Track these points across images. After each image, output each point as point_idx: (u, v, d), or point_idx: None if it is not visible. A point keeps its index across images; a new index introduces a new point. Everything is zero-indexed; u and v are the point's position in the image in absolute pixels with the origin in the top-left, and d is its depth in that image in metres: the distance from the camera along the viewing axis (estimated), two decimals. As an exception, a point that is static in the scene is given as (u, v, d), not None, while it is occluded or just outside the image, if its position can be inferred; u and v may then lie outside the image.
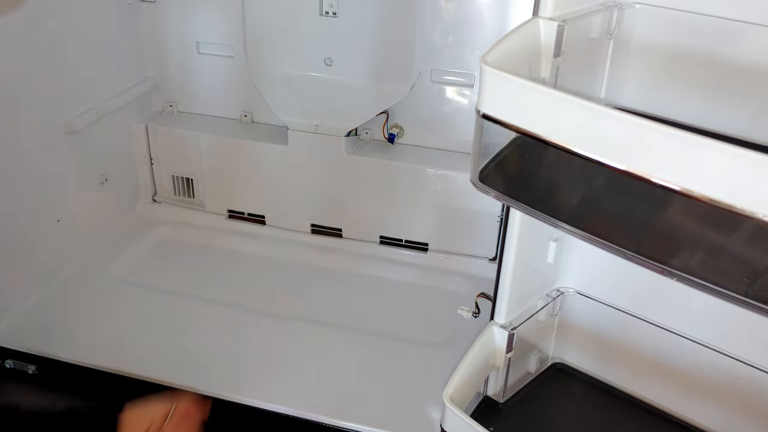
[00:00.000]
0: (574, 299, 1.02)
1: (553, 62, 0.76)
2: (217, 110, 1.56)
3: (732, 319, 0.87)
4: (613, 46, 0.86)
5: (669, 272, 0.65)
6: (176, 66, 1.54)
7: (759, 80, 0.81)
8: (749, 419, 0.91)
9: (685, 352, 0.93)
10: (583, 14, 0.79)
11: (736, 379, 0.90)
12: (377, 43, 1.35)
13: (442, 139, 1.45)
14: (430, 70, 1.38)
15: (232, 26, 1.44)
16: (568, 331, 1.04)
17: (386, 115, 1.44)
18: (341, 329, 1.27)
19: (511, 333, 0.93)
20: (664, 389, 0.97)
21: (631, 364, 1.00)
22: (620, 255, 0.68)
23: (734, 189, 0.56)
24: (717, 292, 0.62)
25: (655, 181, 0.59)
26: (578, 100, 0.63)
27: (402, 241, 1.48)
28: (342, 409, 1.08)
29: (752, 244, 0.61)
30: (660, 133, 0.58)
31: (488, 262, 1.43)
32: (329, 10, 1.34)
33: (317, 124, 1.42)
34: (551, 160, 0.71)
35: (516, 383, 1.01)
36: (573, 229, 0.71)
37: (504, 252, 0.90)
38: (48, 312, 1.26)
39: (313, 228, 1.53)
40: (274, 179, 1.51)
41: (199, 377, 1.12)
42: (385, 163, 1.42)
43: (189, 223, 1.56)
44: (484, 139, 0.72)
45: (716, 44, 0.81)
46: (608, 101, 0.89)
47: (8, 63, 1.16)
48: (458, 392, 0.87)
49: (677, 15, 0.82)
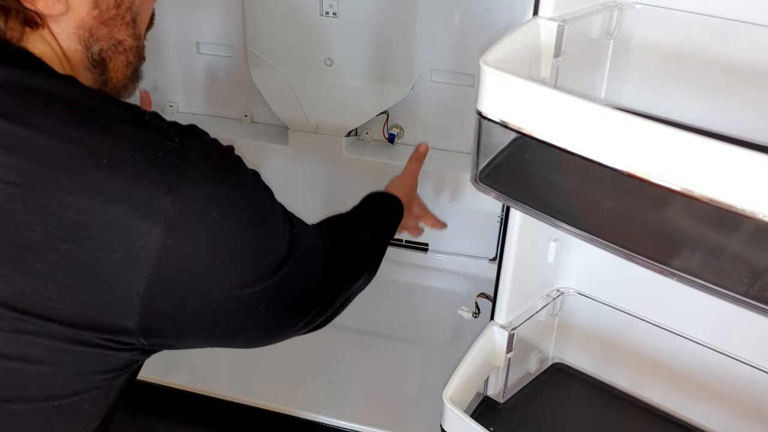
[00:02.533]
0: (575, 299, 1.02)
1: (553, 62, 0.76)
2: (217, 110, 1.56)
3: (732, 319, 0.87)
4: (613, 46, 0.86)
5: (669, 272, 0.65)
6: (176, 66, 1.54)
7: (759, 80, 0.81)
8: (749, 419, 0.91)
9: (686, 352, 0.93)
10: (583, 14, 0.79)
11: (737, 379, 0.90)
12: (377, 44, 1.35)
13: (442, 139, 1.44)
14: (430, 70, 1.38)
15: (232, 26, 1.44)
16: (568, 331, 1.04)
17: (386, 115, 1.44)
18: (341, 329, 1.27)
19: (511, 333, 0.93)
20: (665, 389, 0.97)
21: (632, 364, 1.00)
22: (620, 255, 0.68)
23: (734, 189, 0.56)
24: (717, 292, 0.62)
25: (655, 181, 0.59)
26: (578, 100, 0.63)
27: (402, 241, 1.48)
28: (342, 409, 1.08)
29: (752, 244, 0.61)
30: (660, 133, 0.58)
31: (488, 262, 1.43)
32: (329, 10, 1.34)
33: (317, 125, 1.42)
34: (551, 160, 0.71)
35: (516, 383, 1.01)
36: (573, 229, 0.71)
37: (504, 252, 0.90)
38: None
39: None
40: (274, 179, 1.50)
41: (198, 377, 1.12)
42: (385, 163, 1.42)
43: (189, 223, 1.56)
44: (484, 139, 0.72)
45: (717, 44, 0.81)
46: (608, 101, 0.89)
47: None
48: (458, 392, 0.87)
49: (677, 15, 0.82)
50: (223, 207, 0.56)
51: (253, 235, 0.59)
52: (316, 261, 0.69)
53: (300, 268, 0.64)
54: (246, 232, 0.59)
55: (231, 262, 0.57)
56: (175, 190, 0.54)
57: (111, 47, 0.63)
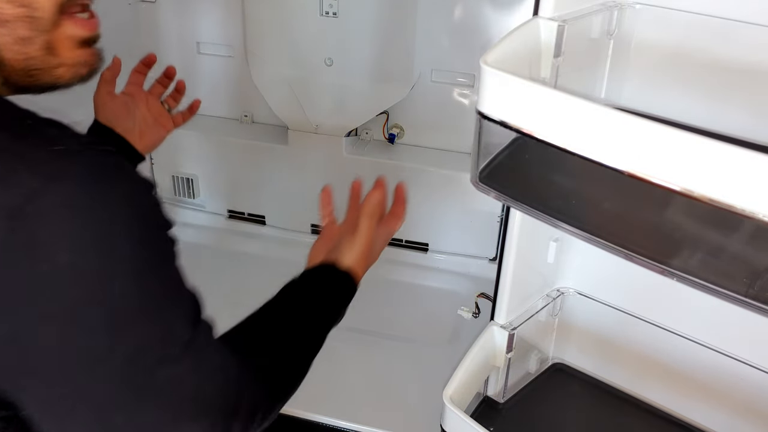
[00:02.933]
0: (574, 299, 1.02)
1: (553, 62, 0.76)
2: (217, 110, 1.56)
3: (732, 319, 0.87)
4: (613, 46, 0.86)
5: (669, 272, 0.65)
6: (176, 66, 1.54)
7: (759, 80, 0.81)
8: (749, 419, 0.91)
9: (685, 352, 0.93)
10: (583, 14, 0.79)
11: (737, 379, 0.90)
12: (377, 43, 1.35)
13: (442, 139, 1.45)
14: (430, 70, 1.38)
15: (232, 26, 1.44)
16: (568, 331, 1.04)
17: (386, 115, 1.44)
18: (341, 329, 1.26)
19: (512, 333, 0.93)
20: (665, 389, 0.97)
21: (632, 364, 1.00)
22: (620, 255, 0.68)
23: (734, 189, 0.56)
24: (717, 292, 0.62)
25: (655, 181, 0.59)
26: (578, 100, 0.63)
27: (402, 241, 1.48)
28: (342, 409, 1.08)
29: (752, 244, 0.61)
30: (660, 133, 0.58)
31: (488, 262, 1.43)
32: (329, 10, 1.34)
33: (317, 125, 1.42)
34: (551, 160, 0.71)
35: (516, 383, 1.01)
36: (573, 229, 0.71)
37: (504, 252, 0.90)
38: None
39: (313, 228, 1.53)
40: (274, 179, 1.51)
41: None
42: (385, 163, 1.42)
43: (189, 223, 1.56)
44: (484, 139, 0.72)
45: (717, 44, 0.81)
46: (608, 101, 0.89)
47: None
48: (458, 392, 0.87)
49: (677, 15, 0.82)
50: (73, 253, 0.44)
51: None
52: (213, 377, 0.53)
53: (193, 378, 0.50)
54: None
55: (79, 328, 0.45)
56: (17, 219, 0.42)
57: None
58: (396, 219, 0.84)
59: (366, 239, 0.78)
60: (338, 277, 0.75)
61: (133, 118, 0.88)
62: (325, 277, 0.75)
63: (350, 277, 0.75)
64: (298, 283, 0.74)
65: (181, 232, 1.53)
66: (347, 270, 0.75)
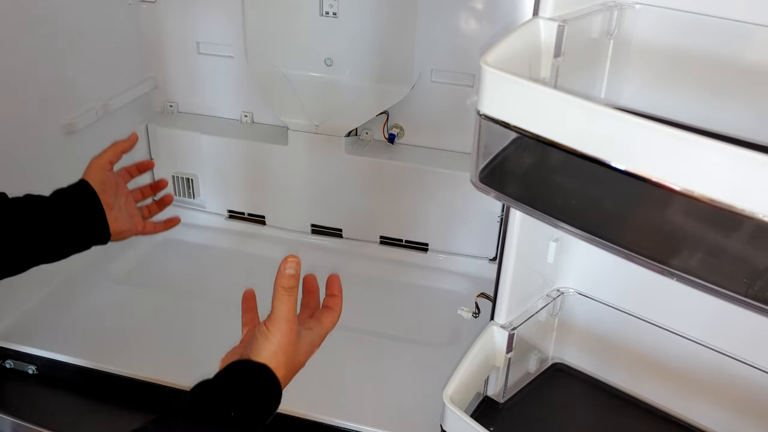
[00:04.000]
0: (574, 299, 1.02)
1: (553, 62, 0.76)
2: (217, 110, 1.56)
3: (732, 319, 0.87)
4: (613, 46, 0.86)
5: (669, 272, 0.65)
6: (176, 66, 1.54)
7: (760, 80, 0.81)
8: (749, 419, 0.91)
9: (685, 352, 0.93)
10: (583, 14, 0.79)
11: (736, 378, 0.90)
12: (377, 44, 1.35)
13: (442, 139, 1.45)
14: (430, 70, 1.38)
15: (232, 26, 1.44)
16: (568, 331, 1.04)
17: (386, 115, 1.44)
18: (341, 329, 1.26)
19: (511, 333, 0.93)
20: (665, 389, 0.97)
21: (631, 364, 1.00)
22: (620, 255, 0.68)
23: (734, 189, 0.56)
24: (717, 292, 0.62)
25: (655, 181, 0.59)
26: (578, 100, 0.63)
27: (402, 241, 1.48)
28: (342, 409, 1.08)
29: (752, 244, 0.61)
30: (660, 133, 0.58)
31: (488, 262, 1.43)
32: (329, 11, 1.34)
33: (317, 124, 1.42)
34: (551, 160, 0.71)
35: (516, 383, 1.01)
36: (573, 229, 0.71)
37: (504, 252, 0.90)
38: (48, 312, 1.26)
39: (313, 228, 1.53)
40: (274, 179, 1.51)
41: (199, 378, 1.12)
42: (385, 163, 1.42)
43: (189, 223, 1.56)
44: (484, 139, 0.72)
45: (717, 44, 0.81)
46: (608, 101, 0.89)
47: (8, 63, 1.16)
48: (458, 392, 0.87)
49: (677, 15, 0.82)
50: None
51: None
52: None
53: None
54: None
55: None
56: None
57: None
58: (330, 313, 0.72)
59: (284, 319, 0.64)
60: (253, 372, 0.61)
61: (117, 199, 0.90)
62: (236, 375, 0.62)
63: (269, 371, 0.62)
64: (206, 386, 0.63)
65: (181, 232, 1.54)
66: (264, 364, 0.61)
